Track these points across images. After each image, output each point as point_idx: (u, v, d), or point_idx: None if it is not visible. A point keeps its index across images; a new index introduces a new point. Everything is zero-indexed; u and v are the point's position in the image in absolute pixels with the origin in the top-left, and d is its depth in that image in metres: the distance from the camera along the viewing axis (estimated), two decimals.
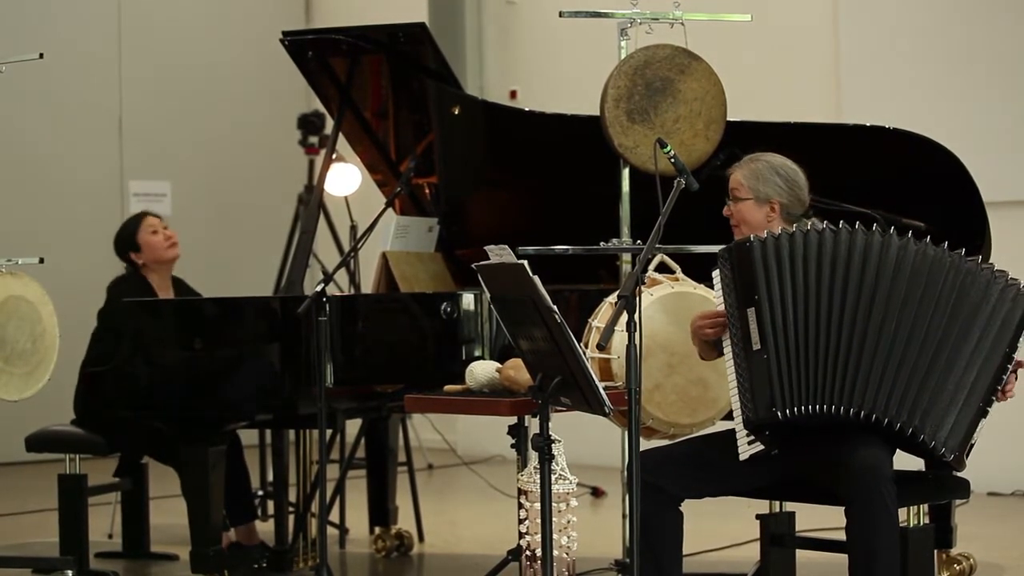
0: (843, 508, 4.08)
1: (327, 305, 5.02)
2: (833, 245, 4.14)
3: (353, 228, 7.01)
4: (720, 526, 6.03)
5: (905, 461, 4.31)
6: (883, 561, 4.02)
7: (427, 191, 6.28)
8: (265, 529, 6.26)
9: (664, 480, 4.19)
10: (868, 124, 5.62)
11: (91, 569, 5.76)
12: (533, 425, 4.00)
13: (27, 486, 8.25)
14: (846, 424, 4.14)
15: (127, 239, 6.09)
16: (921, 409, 4.08)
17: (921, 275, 4.11)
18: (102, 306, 5.98)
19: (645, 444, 4.39)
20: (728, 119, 5.38)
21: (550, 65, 9.27)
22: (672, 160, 4.20)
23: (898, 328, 4.09)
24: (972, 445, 4.14)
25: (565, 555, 3.99)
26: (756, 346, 4.13)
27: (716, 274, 4.30)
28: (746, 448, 4.20)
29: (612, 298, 4.93)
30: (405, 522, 6.52)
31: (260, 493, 6.91)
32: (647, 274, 4.85)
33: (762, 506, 4.64)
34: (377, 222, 5.38)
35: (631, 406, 3.84)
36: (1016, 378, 4.18)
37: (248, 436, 6.13)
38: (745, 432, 4.19)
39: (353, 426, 7.04)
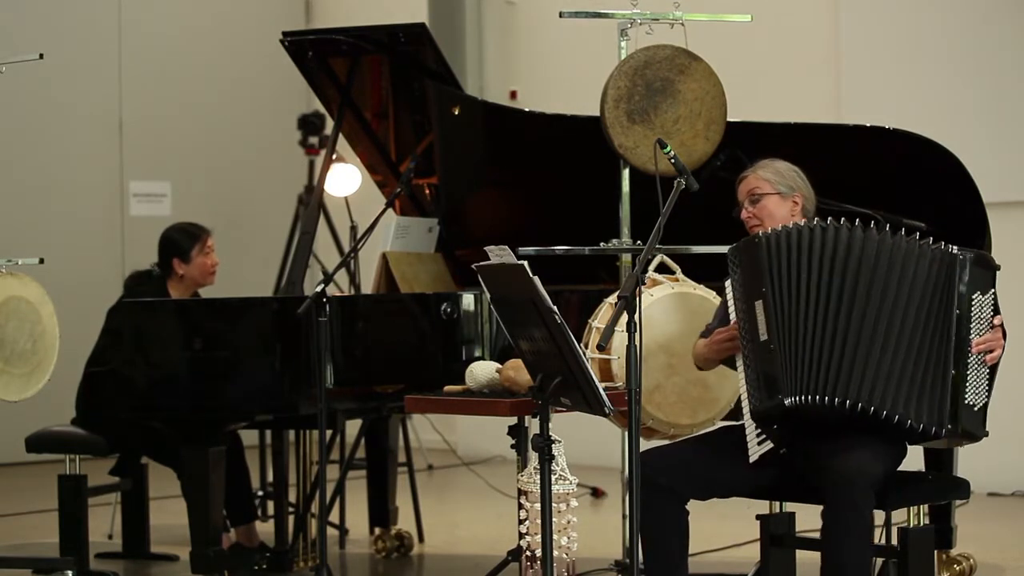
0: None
1: (327, 306, 5.02)
2: (834, 239, 4.20)
3: (353, 228, 7.01)
4: (720, 526, 6.03)
5: (905, 461, 4.32)
6: (852, 566, 4.02)
7: (427, 191, 6.28)
8: (265, 530, 6.26)
9: (674, 481, 4.21)
10: (868, 124, 5.62)
11: (91, 569, 5.76)
12: (533, 425, 4.00)
13: (27, 486, 8.25)
14: (845, 424, 4.16)
15: (180, 247, 5.93)
16: (898, 394, 4.13)
17: (884, 266, 4.18)
18: (115, 303, 5.91)
19: (645, 444, 4.40)
20: (728, 119, 5.38)
21: (550, 65, 9.27)
22: (672, 160, 4.20)
23: (877, 319, 4.16)
24: (976, 409, 4.16)
25: (565, 555, 3.99)
26: (763, 337, 4.17)
27: (728, 284, 4.34)
28: (756, 449, 4.23)
29: (612, 299, 4.93)
30: (405, 523, 6.52)
31: (260, 493, 6.91)
32: (647, 275, 4.85)
33: (762, 506, 4.64)
34: (377, 222, 5.38)
35: (631, 406, 3.84)
36: (1003, 338, 4.24)
37: (248, 436, 6.13)
38: (755, 428, 4.21)
39: (353, 426, 7.03)
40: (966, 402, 4.16)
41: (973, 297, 4.19)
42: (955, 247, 4.23)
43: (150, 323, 5.31)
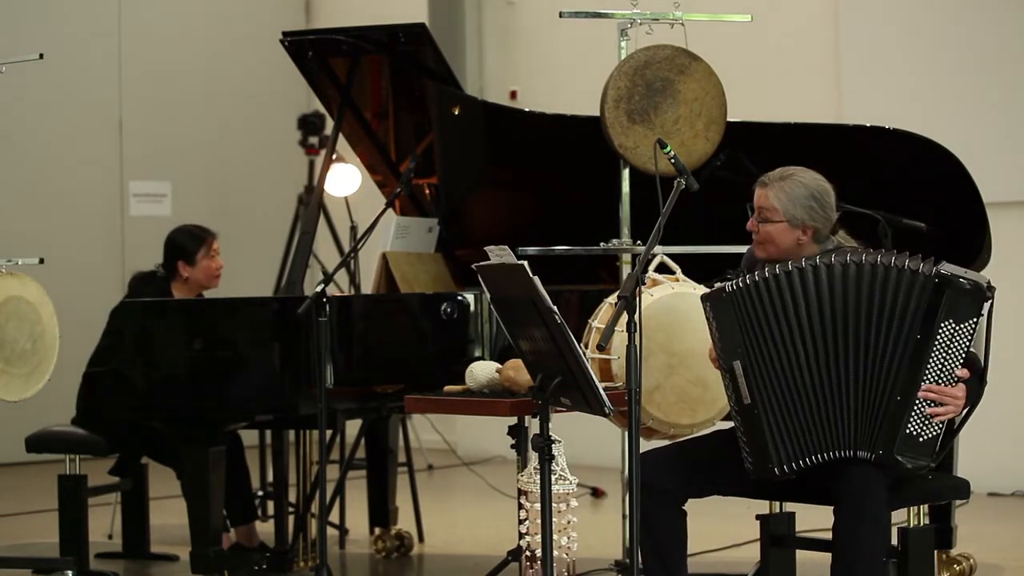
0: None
1: (327, 305, 5.02)
2: (788, 285, 4.06)
3: (353, 228, 7.01)
4: (720, 526, 6.03)
5: None
6: (866, 561, 4.02)
7: (427, 191, 6.28)
8: (265, 530, 6.26)
9: (667, 481, 4.20)
10: (868, 124, 5.62)
11: (91, 570, 5.76)
12: (533, 425, 4.00)
13: (27, 486, 8.25)
14: None
15: (186, 249, 5.94)
16: (884, 431, 4.06)
17: (853, 303, 4.05)
18: (117, 304, 5.89)
19: (645, 444, 4.40)
20: (728, 119, 5.38)
21: (550, 65, 9.27)
22: (672, 160, 4.19)
23: (850, 363, 4.06)
24: (922, 440, 4.03)
25: (565, 555, 3.99)
26: (747, 401, 4.10)
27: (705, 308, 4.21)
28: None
29: (612, 299, 4.92)
30: (405, 523, 6.52)
31: (260, 493, 6.91)
32: (647, 275, 4.85)
33: (762, 506, 4.64)
34: (377, 222, 5.38)
35: (631, 406, 3.84)
36: (975, 393, 4.07)
37: (248, 436, 6.13)
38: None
39: (353, 426, 7.04)
40: (907, 432, 4.03)
41: (943, 323, 3.99)
42: (945, 266, 4.03)
43: (151, 323, 5.31)
